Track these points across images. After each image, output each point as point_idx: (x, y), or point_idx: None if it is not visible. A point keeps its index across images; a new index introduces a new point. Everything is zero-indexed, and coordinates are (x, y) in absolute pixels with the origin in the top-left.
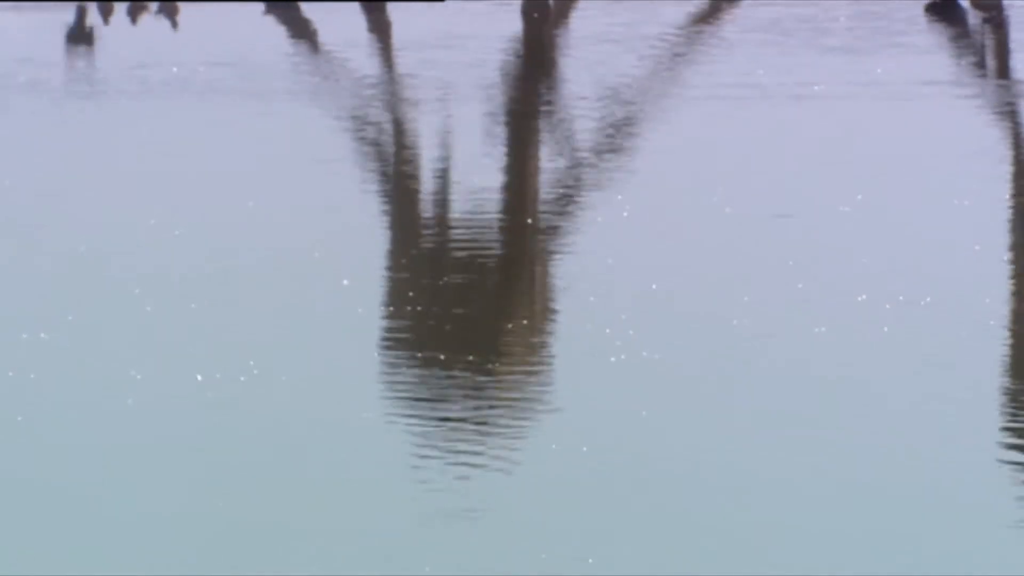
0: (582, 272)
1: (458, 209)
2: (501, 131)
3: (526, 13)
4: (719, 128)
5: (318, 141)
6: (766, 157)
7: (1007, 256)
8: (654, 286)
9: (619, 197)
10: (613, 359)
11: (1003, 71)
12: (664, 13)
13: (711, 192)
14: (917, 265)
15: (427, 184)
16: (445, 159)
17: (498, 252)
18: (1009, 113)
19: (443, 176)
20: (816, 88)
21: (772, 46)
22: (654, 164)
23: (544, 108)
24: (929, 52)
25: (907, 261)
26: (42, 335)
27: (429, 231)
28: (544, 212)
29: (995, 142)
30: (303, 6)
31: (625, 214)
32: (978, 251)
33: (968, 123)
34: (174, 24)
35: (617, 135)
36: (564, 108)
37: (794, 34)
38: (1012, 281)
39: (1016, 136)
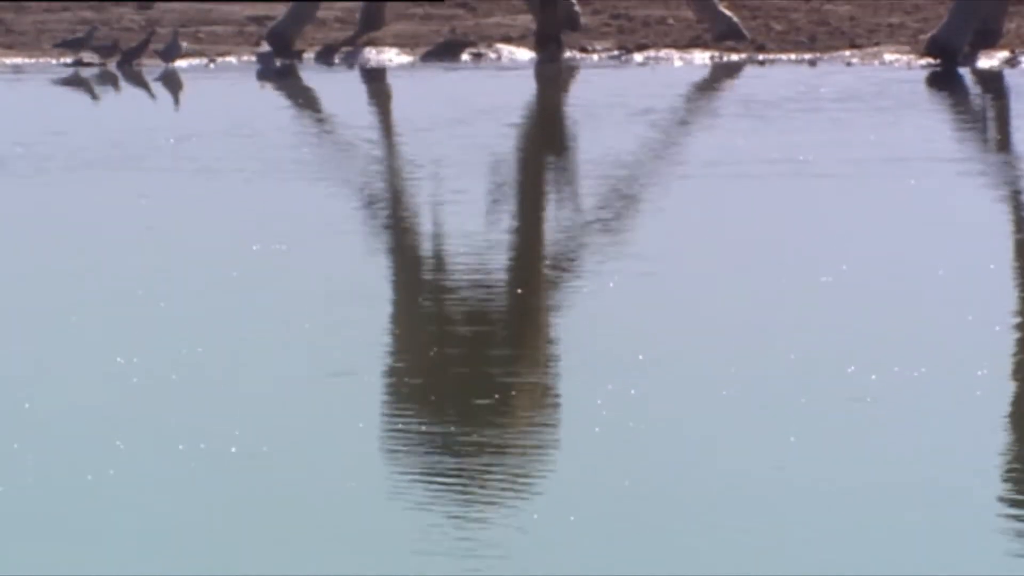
0: (580, 332)
1: (459, 267)
2: (508, 194)
3: (539, 76)
4: (714, 199)
5: (322, 211)
6: (758, 228)
7: (999, 328)
8: (641, 356)
9: (614, 265)
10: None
11: (1005, 145)
12: (670, 80)
13: (704, 260)
14: (910, 336)
15: (429, 245)
16: (447, 222)
17: (502, 307)
18: (1011, 188)
19: (445, 237)
20: (806, 160)
21: (768, 117)
22: (651, 231)
23: (553, 172)
24: (929, 125)
25: (898, 332)
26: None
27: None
28: (549, 271)
29: (994, 216)
30: (304, 75)
31: (612, 284)
32: (971, 321)
33: (967, 197)
34: (176, 97)
35: (620, 203)
36: (572, 172)
37: (785, 105)
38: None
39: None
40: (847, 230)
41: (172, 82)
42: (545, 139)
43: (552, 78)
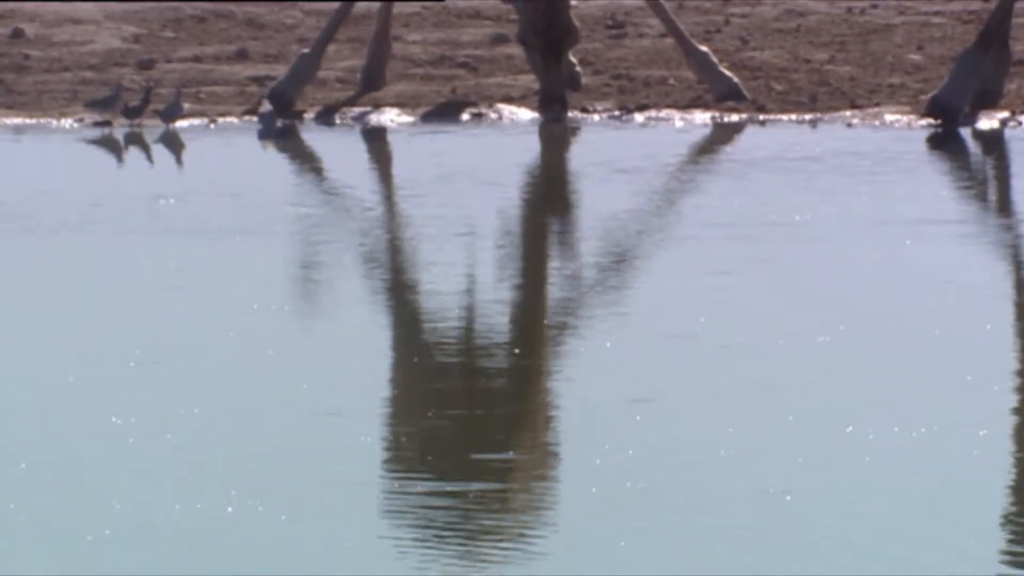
0: (579, 391)
1: (459, 325)
2: (510, 253)
3: (541, 135)
4: (711, 260)
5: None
6: (755, 289)
7: (997, 388)
8: (639, 417)
9: (613, 324)
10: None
11: (1005, 206)
12: (671, 140)
13: (702, 320)
14: (909, 396)
15: (429, 304)
16: (446, 281)
17: (502, 365)
18: (1010, 249)
19: (444, 295)
20: (804, 221)
21: (768, 178)
22: (649, 290)
23: (554, 232)
24: (929, 186)
25: (897, 392)
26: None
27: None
28: (550, 329)
29: (993, 277)
30: (305, 135)
31: (609, 343)
32: (970, 381)
33: (966, 258)
34: (178, 157)
35: (620, 262)
36: (573, 231)
37: (785, 165)
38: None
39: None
40: (844, 291)
41: (173, 142)
42: (546, 199)
43: (555, 138)
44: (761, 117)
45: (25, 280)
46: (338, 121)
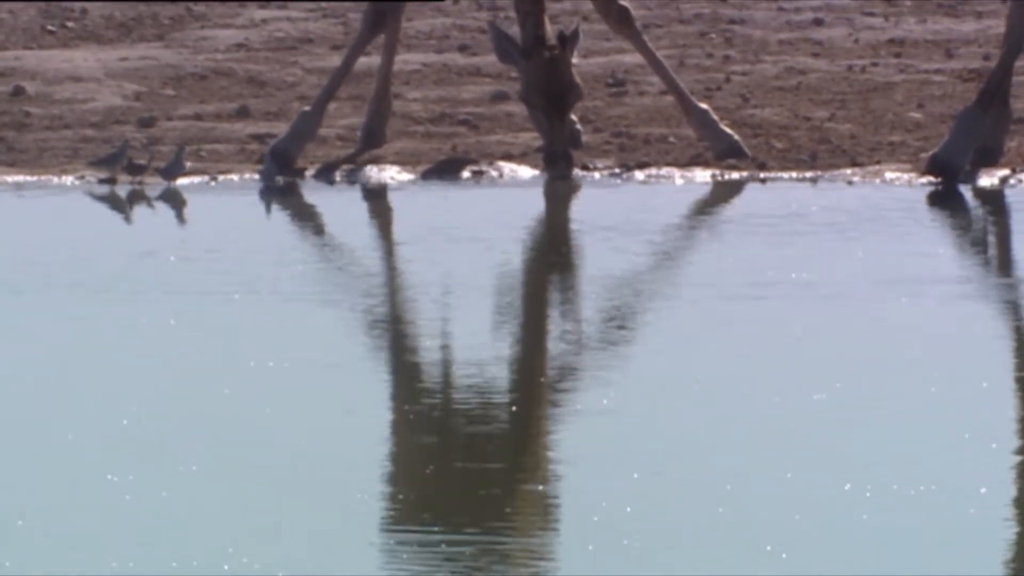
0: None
1: (460, 381)
2: (510, 310)
3: (542, 193)
4: (709, 319)
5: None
6: (752, 347)
7: (995, 445)
8: (636, 474)
9: (613, 381)
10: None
11: (1005, 265)
12: (671, 198)
13: (700, 377)
14: (907, 453)
15: (429, 360)
16: (447, 338)
17: (502, 420)
18: (1010, 308)
19: (445, 352)
20: (801, 280)
21: (767, 236)
22: (648, 349)
23: (554, 290)
24: (929, 244)
25: (895, 449)
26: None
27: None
28: (550, 386)
29: (992, 336)
30: (305, 192)
31: (606, 401)
32: (967, 439)
33: (966, 318)
34: (179, 214)
35: (619, 321)
36: (574, 289)
37: (785, 224)
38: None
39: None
40: (841, 348)
41: (174, 200)
42: (546, 256)
43: (557, 195)
44: (762, 175)
45: (19, 341)
46: (338, 178)
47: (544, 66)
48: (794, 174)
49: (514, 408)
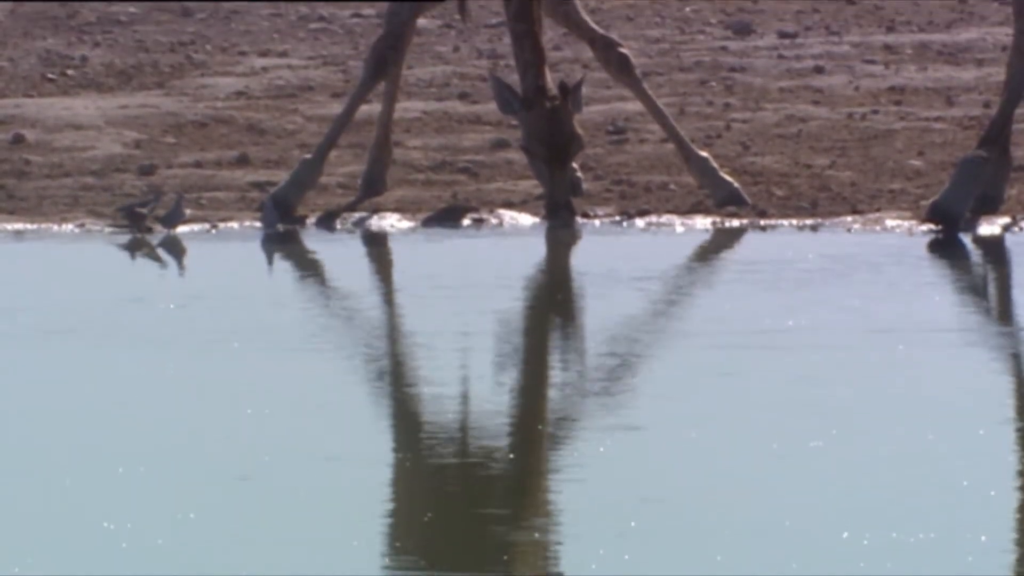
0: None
1: (460, 428)
2: (511, 358)
3: (543, 240)
4: (708, 367)
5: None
6: (749, 396)
7: (994, 493)
8: (634, 523)
9: (612, 428)
10: None
11: (1005, 314)
12: (671, 246)
13: (698, 426)
14: (905, 501)
15: (429, 408)
16: (448, 385)
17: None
18: (1010, 357)
19: (445, 399)
20: (799, 329)
21: (766, 284)
22: (647, 396)
23: (555, 337)
24: (929, 293)
25: (892, 497)
26: None
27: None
28: (550, 434)
29: (991, 385)
30: (306, 240)
31: (602, 448)
32: (966, 487)
33: (965, 367)
34: (180, 261)
35: (619, 369)
36: (575, 337)
37: (784, 271)
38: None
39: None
40: (838, 396)
41: (174, 248)
42: (547, 304)
43: (558, 243)
44: (762, 222)
45: (17, 388)
46: (339, 226)
47: (546, 116)
48: (794, 221)
49: (513, 456)
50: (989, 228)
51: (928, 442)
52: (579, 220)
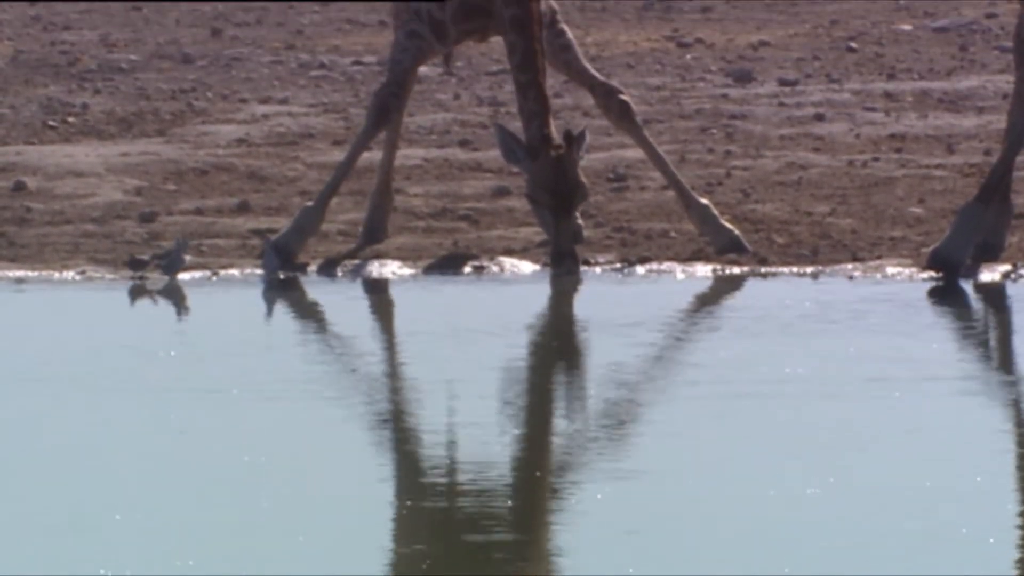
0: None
1: (461, 478)
2: (513, 407)
3: (545, 288)
4: (705, 416)
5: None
6: (746, 444)
7: (993, 539)
8: (631, 570)
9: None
10: None
11: (1005, 362)
12: (672, 294)
13: (697, 474)
14: (902, 546)
15: (431, 457)
16: (450, 434)
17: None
18: (1010, 405)
19: (447, 448)
20: (796, 377)
21: (765, 333)
22: (644, 447)
23: (556, 386)
24: (929, 341)
25: (890, 542)
26: None
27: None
28: (551, 484)
29: (990, 435)
30: (307, 287)
31: (599, 496)
32: (964, 533)
33: (965, 416)
34: (179, 307)
35: (618, 418)
36: (575, 386)
37: (784, 320)
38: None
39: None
40: (836, 445)
41: (175, 295)
42: (547, 352)
43: (559, 291)
44: (762, 270)
45: (18, 435)
46: (340, 273)
47: (551, 165)
48: (795, 269)
49: (514, 504)
50: (990, 275)
51: (925, 489)
52: (580, 267)
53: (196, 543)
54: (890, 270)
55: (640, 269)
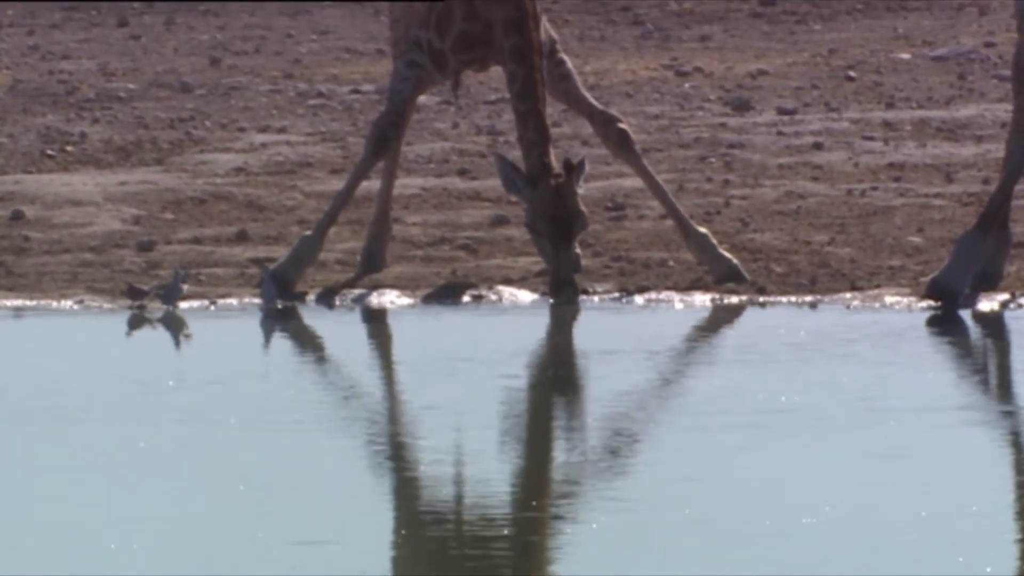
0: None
1: (462, 507)
2: (512, 436)
3: (544, 317)
4: (703, 446)
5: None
6: (743, 474)
7: (991, 570)
8: None
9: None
10: None
11: (1004, 392)
12: (670, 323)
13: (694, 505)
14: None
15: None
16: (449, 463)
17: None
18: (1008, 435)
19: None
20: (794, 407)
21: (764, 362)
22: (641, 477)
23: (555, 415)
24: (928, 370)
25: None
26: None
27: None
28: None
29: (988, 466)
30: (305, 316)
31: (595, 526)
32: (962, 562)
33: (964, 446)
34: (178, 337)
35: (613, 452)
36: (574, 415)
37: (782, 349)
38: None
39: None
40: (832, 475)
41: (173, 324)
42: (545, 382)
43: (558, 320)
44: (761, 299)
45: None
46: (338, 303)
47: (551, 194)
48: (793, 298)
49: (516, 535)
50: (988, 304)
51: (922, 519)
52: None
53: (188, 573)
54: (889, 299)
55: (639, 298)
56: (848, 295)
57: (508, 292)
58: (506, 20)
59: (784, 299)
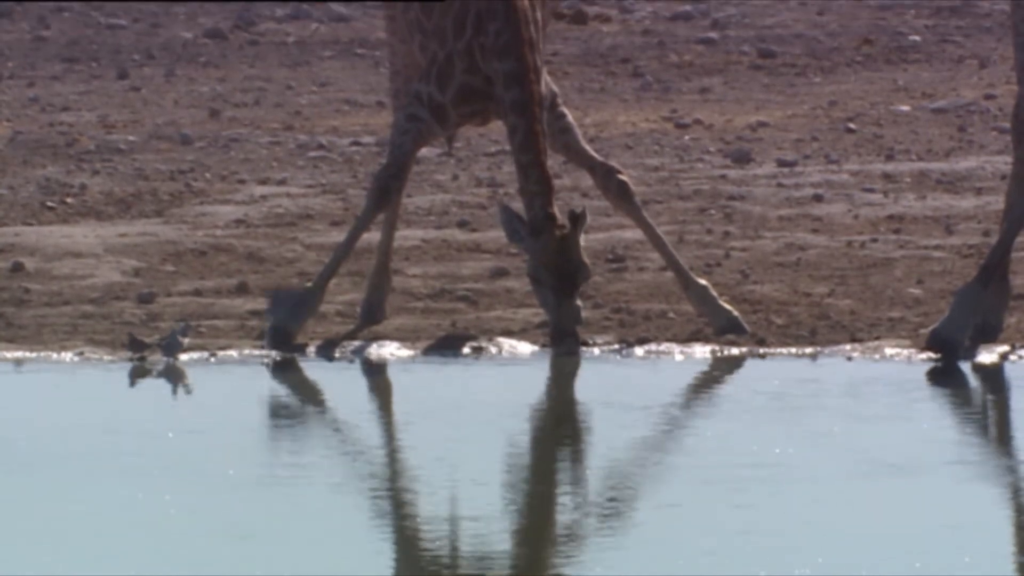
0: None
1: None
2: (513, 488)
3: (545, 369)
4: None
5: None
6: (740, 527)
7: None
8: None
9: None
10: None
11: (1004, 445)
12: (670, 375)
13: (691, 555)
14: None
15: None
16: (451, 515)
17: None
18: (1008, 489)
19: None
20: (790, 462)
21: (762, 416)
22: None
23: (555, 471)
24: (927, 423)
25: None
26: None
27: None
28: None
29: (987, 521)
30: (305, 368)
31: (599, 569)
32: None
33: (964, 501)
34: (177, 389)
35: (612, 505)
36: (573, 473)
37: (781, 402)
38: None
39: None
40: (825, 530)
41: (174, 376)
42: (545, 435)
43: (558, 371)
44: (761, 351)
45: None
46: (338, 355)
47: (554, 244)
48: (793, 350)
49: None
50: (988, 356)
51: (916, 569)
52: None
53: None
54: (888, 351)
55: (639, 350)
56: (848, 347)
57: (508, 344)
58: (507, 73)
59: (784, 351)
